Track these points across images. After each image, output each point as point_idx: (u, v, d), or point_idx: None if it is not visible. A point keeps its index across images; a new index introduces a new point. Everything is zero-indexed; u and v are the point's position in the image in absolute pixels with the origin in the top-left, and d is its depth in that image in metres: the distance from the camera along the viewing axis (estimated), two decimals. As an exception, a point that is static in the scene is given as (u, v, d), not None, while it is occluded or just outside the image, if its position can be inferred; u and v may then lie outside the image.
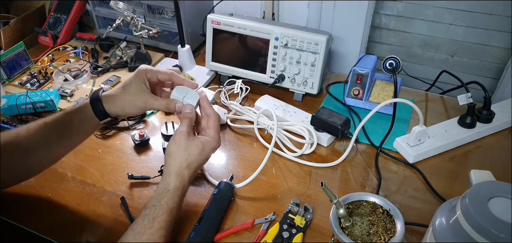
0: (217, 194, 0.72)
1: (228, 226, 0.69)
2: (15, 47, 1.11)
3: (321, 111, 0.87)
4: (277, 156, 0.85)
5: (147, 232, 0.57)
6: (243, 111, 0.94)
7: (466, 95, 0.86)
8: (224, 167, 0.83)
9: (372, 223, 0.63)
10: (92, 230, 0.70)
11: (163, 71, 0.71)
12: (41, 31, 1.27)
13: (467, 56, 1.10)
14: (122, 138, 0.91)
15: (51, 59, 1.19)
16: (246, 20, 1.00)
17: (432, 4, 1.05)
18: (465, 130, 0.87)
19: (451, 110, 0.97)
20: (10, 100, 0.95)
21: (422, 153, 0.82)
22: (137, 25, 1.10)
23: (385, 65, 0.93)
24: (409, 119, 0.94)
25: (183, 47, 1.09)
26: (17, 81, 1.09)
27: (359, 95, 0.96)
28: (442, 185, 0.76)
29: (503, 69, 1.05)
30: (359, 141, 0.88)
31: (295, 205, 0.72)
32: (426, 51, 1.14)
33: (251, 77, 1.03)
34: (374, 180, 0.79)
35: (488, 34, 1.04)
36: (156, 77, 0.71)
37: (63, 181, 0.80)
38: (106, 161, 0.84)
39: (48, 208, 0.74)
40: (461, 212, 0.46)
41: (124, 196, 0.75)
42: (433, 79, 1.05)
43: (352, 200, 0.66)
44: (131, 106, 0.70)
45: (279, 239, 0.67)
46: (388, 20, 1.13)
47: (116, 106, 0.69)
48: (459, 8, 1.03)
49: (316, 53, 0.94)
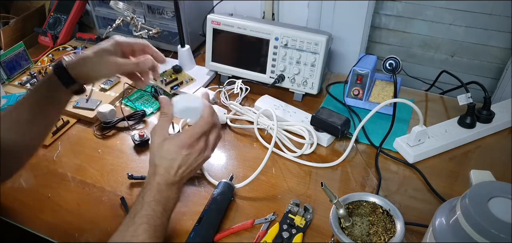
0: (217, 194, 0.72)
1: (228, 226, 0.69)
2: (15, 47, 1.11)
3: (321, 112, 0.87)
4: (277, 156, 0.85)
5: (130, 229, 0.58)
6: (243, 112, 0.94)
7: (466, 95, 0.86)
8: (224, 167, 0.83)
9: (372, 223, 0.63)
10: (92, 230, 0.70)
11: (137, 42, 0.72)
12: (41, 31, 1.27)
13: (467, 56, 1.10)
14: (122, 138, 0.91)
15: (51, 59, 1.19)
16: (246, 20, 1.00)
17: (432, 4, 1.05)
18: (465, 130, 0.87)
19: (451, 110, 0.97)
20: (10, 100, 0.95)
21: (422, 153, 0.82)
22: (137, 25, 1.10)
23: (385, 65, 0.93)
24: (409, 120, 0.94)
25: (183, 47, 1.09)
26: (17, 82, 1.09)
27: (359, 95, 0.96)
28: (442, 185, 0.76)
29: (503, 69, 1.05)
30: (359, 141, 0.88)
31: (295, 205, 0.72)
32: (426, 51, 1.14)
33: (251, 77, 1.03)
34: (374, 180, 0.79)
35: (488, 34, 1.04)
36: (131, 49, 0.71)
37: (63, 181, 0.80)
38: (106, 161, 0.84)
39: (48, 208, 0.74)
40: (461, 212, 0.46)
41: (124, 196, 0.75)
42: (433, 79, 1.05)
43: (352, 200, 0.66)
44: (102, 69, 0.69)
45: (279, 239, 0.67)
46: (388, 20, 1.13)
47: (84, 71, 0.68)
48: (459, 8, 1.03)
49: (316, 53, 0.94)
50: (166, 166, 0.65)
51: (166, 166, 0.65)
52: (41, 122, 0.71)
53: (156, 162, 0.65)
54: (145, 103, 1.01)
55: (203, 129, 0.66)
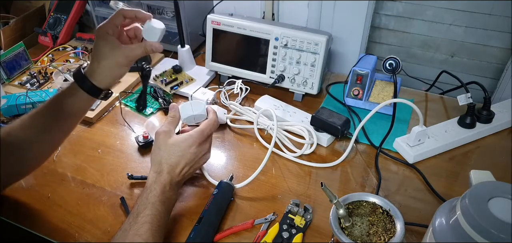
0: (217, 194, 0.72)
1: (228, 226, 0.69)
2: (15, 47, 1.11)
3: (321, 112, 0.87)
4: (277, 156, 0.85)
5: (132, 228, 0.59)
6: (243, 112, 0.94)
7: (466, 95, 0.86)
8: (224, 167, 0.83)
9: (372, 223, 0.63)
10: (91, 230, 0.70)
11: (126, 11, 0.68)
12: (41, 31, 1.27)
13: (467, 57, 1.10)
14: (122, 138, 0.91)
15: (51, 59, 1.19)
16: (246, 20, 1.00)
17: (432, 5, 1.05)
18: (465, 130, 0.87)
19: (451, 110, 0.97)
20: (10, 100, 0.95)
21: (422, 153, 0.82)
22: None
23: (385, 66, 0.93)
24: (409, 120, 0.94)
25: (183, 47, 1.09)
26: (17, 82, 1.09)
27: (359, 95, 0.96)
28: (442, 185, 0.76)
29: (503, 70, 1.05)
30: (359, 141, 0.88)
31: (295, 205, 0.72)
32: (426, 51, 1.14)
33: (251, 77, 1.03)
34: (374, 180, 0.79)
35: (488, 34, 1.04)
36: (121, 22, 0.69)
37: (63, 181, 0.80)
38: (106, 161, 0.84)
39: (48, 208, 0.74)
40: (461, 212, 0.46)
41: (124, 196, 0.75)
42: (433, 79, 1.05)
43: (352, 200, 0.66)
44: (115, 69, 0.68)
45: (279, 239, 0.67)
46: (388, 20, 1.13)
47: (103, 78, 0.68)
48: (459, 8, 1.03)
49: (316, 54, 0.94)
50: (172, 164, 0.66)
51: (172, 163, 0.66)
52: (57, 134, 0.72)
53: (161, 161, 0.66)
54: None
55: (211, 130, 0.68)
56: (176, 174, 0.67)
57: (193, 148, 0.68)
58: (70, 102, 0.69)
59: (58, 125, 0.70)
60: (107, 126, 0.95)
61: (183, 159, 0.67)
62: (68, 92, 0.69)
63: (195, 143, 0.68)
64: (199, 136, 0.69)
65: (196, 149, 0.68)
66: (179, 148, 0.67)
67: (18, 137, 0.67)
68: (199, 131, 0.69)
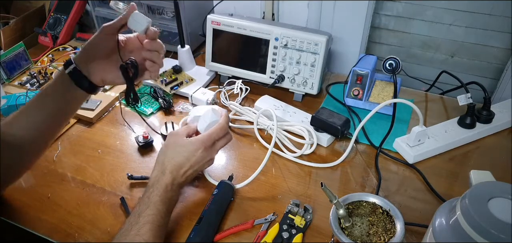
0: (217, 194, 0.72)
1: (228, 227, 0.69)
2: (15, 48, 1.11)
3: (321, 112, 0.87)
4: (277, 156, 0.85)
5: (134, 228, 0.59)
6: (243, 112, 0.94)
7: (466, 95, 0.86)
8: (224, 167, 0.83)
9: (372, 223, 0.62)
10: (91, 230, 0.70)
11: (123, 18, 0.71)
12: (41, 31, 1.27)
13: (467, 57, 1.10)
14: (122, 138, 0.91)
15: (51, 60, 1.19)
16: (246, 21, 1.00)
17: (432, 5, 1.05)
18: (465, 130, 0.87)
19: (451, 110, 0.97)
20: (10, 100, 0.95)
21: (422, 153, 0.82)
22: (137, 25, 1.10)
23: (385, 66, 0.93)
24: (409, 120, 0.94)
25: (183, 47, 1.09)
26: (17, 82, 1.09)
27: (359, 95, 0.96)
28: (442, 185, 0.76)
29: (503, 70, 1.05)
30: (359, 141, 0.88)
31: (295, 205, 0.72)
32: (426, 51, 1.14)
33: (251, 77, 1.03)
34: (374, 180, 0.79)
35: (488, 34, 1.04)
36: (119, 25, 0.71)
37: (63, 181, 0.80)
38: (106, 161, 0.84)
39: (48, 208, 0.74)
40: (461, 212, 0.46)
41: (124, 196, 0.75)
42: (433, 79, 1.05)
43: (352, 200, 0.66)
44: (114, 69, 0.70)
45: (279, 239, 0.67)
46: (388, 20, 1.13)
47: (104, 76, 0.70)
48: (459, 8, 1.03)
49: (316, 54, 0.94)
50: (176, 164, 0.67)
51: (177, 163, 0.67)
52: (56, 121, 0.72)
53: (165, 161, 0.67)
54: (145, 104, 1.01)
55: (218, 135, 0.69)
56: (179, 174, 0.67)
57: (200, 151, 0.69)
58: (66, 99, 0.70)
59: (53, 122, 0.71)
60: (107, 126, 0.95)
61: (188, 161, 0.68)
62: (62, 89, 0.69)
63: (202, 146, 0.69)
64: (207, 139, 0.70)
65: (203, 152, 0.69)
66: (186, 149, 0.68)
67: (15, 136, 0.66)
68: (207, 135, 0.70)
